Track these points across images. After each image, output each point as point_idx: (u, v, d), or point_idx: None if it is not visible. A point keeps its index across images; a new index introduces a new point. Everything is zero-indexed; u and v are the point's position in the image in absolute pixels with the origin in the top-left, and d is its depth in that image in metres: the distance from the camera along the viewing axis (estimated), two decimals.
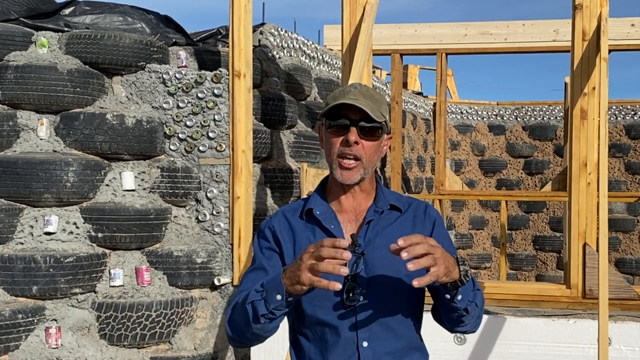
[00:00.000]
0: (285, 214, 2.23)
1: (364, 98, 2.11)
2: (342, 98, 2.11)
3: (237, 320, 2.08)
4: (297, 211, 2.22)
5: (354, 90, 2.13)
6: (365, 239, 2.13)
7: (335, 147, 2.12)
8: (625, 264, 13.17)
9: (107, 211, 5.29)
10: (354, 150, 2.10)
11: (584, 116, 4.92)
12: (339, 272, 1.83)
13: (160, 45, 5.77)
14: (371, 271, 2.10)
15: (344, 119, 2.11)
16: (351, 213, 2.19)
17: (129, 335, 5.21)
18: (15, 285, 5.09)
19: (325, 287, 1.85)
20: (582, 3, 4.96)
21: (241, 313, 2.04)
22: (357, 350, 2.08)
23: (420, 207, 2.25)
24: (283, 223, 2.20)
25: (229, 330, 2.14)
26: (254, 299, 1.97)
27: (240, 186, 5.50)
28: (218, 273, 5.60)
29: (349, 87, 2.16)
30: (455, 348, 4.71)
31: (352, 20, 5.36)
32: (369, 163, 2.14)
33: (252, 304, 1.98)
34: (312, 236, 2.15)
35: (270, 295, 1.94)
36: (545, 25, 9.36)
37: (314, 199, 2.22)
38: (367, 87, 2.18)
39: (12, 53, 5.37)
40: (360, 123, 2.10)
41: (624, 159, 13.64)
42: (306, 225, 2.18)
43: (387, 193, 2.26)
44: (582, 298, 4.90)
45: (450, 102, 13.99)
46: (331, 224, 2.15)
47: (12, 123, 5.29)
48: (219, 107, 5.64)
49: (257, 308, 1.96)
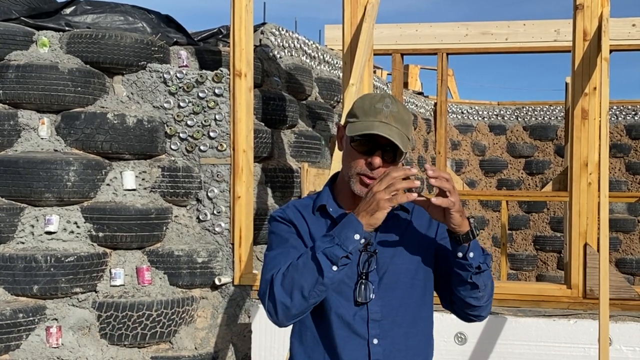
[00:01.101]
0: (297, 207, 2.23)
1: (394, 122, 2.07)
2: (373, 117, 2.06)
3: (291, 287, 2.00)
4: (308, 206, 2.22)
5: (385, 110, 2.07)
6: (376, 238, 2.15)
7: (357, 164, 2.11)
8: (625, 264, 13.17)
9: (108, 211, 5.29)
10: (376, 174, 2.09)
11: (584, 116, 4.92)
12: (414, 185, 1.94)
13: (161, 44, 5.77)
14: (382, 270, 2.12)
15: (372, 141, 2.08)
16: None
17: (129, 335, 5.21)
18: (16, 285, 5.09)
19: (405, 200, 1.96)
20: (583, 3, 4.96)
21: (300, 274, 1.98)
22: (368, 346, 2.09)
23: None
24: (297, 214, 2.20)
25: (273, 306, 2.03)
26: (325, 247, 1.96)
27: (241, 186, 5.50)
28: (219, 273, 5.60)
29: (380, 105, 2.09)
30: (456, 348, 4.71)
31: (353, 20, 5.36)
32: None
33: (324, 253, 1.96)
34: (325, 232, 2.14)
35: (347, 238, 1.96)
36: (546, 25, 9.36)
37: (325, 196, 2.22)
38: (398, 106, 2.11)
39: (13, 52, 5.37)
40: (386, 148, 2.08)
41: (625, 159, 13.64)
42: (319, 220, 2.19)
43: None
44: (582, 298, 4.90)
45: (451, 102, 13.98)
46: None
47: (13, 122, 5.30)
48: (220, 107, 5.64)
49: (332, 254, 1.95)
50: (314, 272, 1.97)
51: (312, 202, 2.24)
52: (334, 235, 1.98)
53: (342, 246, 1.96)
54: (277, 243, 2.18)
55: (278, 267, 2.06)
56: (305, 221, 2.19)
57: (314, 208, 2.21)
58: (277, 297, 2.01)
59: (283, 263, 2.06)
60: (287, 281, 2.01)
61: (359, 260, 2.10)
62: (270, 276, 2.06)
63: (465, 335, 4.71)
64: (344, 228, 1.98)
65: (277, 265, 2.08)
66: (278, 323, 2.07)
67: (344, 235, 1.96)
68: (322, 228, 2.17)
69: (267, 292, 2.05)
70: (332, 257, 1.96)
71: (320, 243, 1.99)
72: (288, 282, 2.00)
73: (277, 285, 2.02)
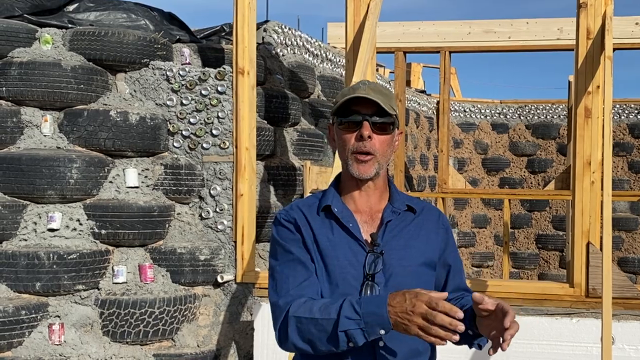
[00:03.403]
0: (301, 208, 2.21)
1: (374, 93, 2.10)
2: (352, 94, 2.11)
3: (306, 338, 2.02)
4: (312, 207, 2.20)
5: (363, 87, 2.13)
6: (383, 239, 2.13)
7: (349, 143, 2.12)
8: (628, 262, 13.16)
9: (110, 208, 5.29)
10: (367, 146, 2.10)
11: (587, 115, 4.91)
12: (452, 339, 1.85)
13: (164, 42, 5.77)
14: (389, 271, 2.11)
15: (356, 114, 2.11)
16: (366, 213, 2.18)
17: (132, 332, 5.22)
18: (19, 282, 5.10)
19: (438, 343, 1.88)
20: (586, 1, 4.95)
21: (317, 332, 1.99)
22: (374, 349, 2.08)
23: (433, 212, 2.27)
24: (301, 216, 2.18)
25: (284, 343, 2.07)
26: (349, 328, 1.93)
27: (243, 183, 5.50)
28: (221, 270, 5.60)
29: (357, 84, 2.16)
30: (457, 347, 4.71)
31: (356, 18, 5.36)
32: (382, 158, 2.14)
33: (346, 334, 1.94)
34: (330, 233, 2.14)
35: (372, 328, 1.92)
36: (550, 24, 9.35)
37: (329, 195, 2.20)
38: (375, 83, 2.18)
39: (16, 49, 5.37)
40: (373, 117, 2.10)
41: (628, 158, 13.63)
42: (324, 221, 2.16)
43: (400, 193, 2.27)
44: (585, 297, 4.90)
45: (453, 100, 13.97)
46: (349, 223, 2.15)
47: (16, 119, 5.30)
48: (223, 105, 5.64)
49: (354, 336, 1.93)
50: (330, 340, 1.97)
51: (317, 201, 2.21)
52: (361, 317, 1.93)
53: (364, 333, 1.93)
54: (282, 254, 2.16)
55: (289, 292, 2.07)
56: (309, 224, 2.16)
57: (319, 208, 2.18)
58: (291, 339, 2.04)
59: (292, 285, 2.07)
60: (304, 330, 2.01)
61: (365, 261, 2.08)
62: (284, 307, 2.06)
63: None
64: (372, 316, 1.92)
65: (286, 284, 2.09)
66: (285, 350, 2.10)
67: (370, 326, 1.92)
68: (327, 229, 2.15)
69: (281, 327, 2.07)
70: (352, 339, 1.94)
71: (345, 320, 1.94)
72: (304, 332, 2.01)
73: (292, 329, 2.03)
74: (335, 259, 2.11)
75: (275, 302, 2.10)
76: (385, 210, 2.18)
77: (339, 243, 2.12)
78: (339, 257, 2.11)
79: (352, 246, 2.12)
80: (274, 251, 2.19)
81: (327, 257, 2.11)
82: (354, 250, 2.12)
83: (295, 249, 2.13)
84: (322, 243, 2.12)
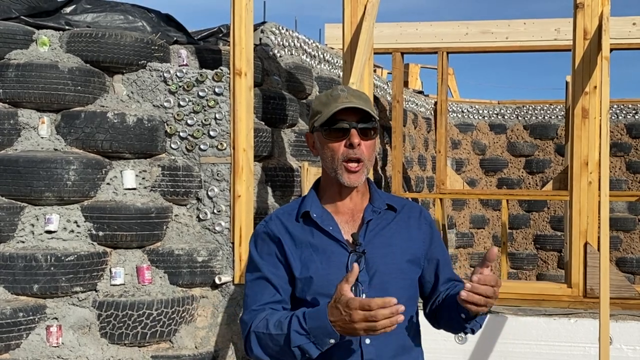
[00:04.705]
0: (280, 217, 2.23)
1: (355, 99, 2.12)
2: (335, 102, 2.11)
3: (267, 352, 2.10)
4: (291, 214, 2.22)
5: (343, 94, 2.13)
6: (365, 239, 2.15)
7: (338, 152, 2.13)
8: (626, 263, 13.17)
9: (108, 210, 5.29)
10: (357, 153, 2.11)
11: (585, 115, 4.92)
12: (397, 322, 1.89)
13: (161, 43, 5.77)
14: (372, 269, 2.12)
15: (342, 122, 2.11)
16: (347, 214, 2.20)
17: (129, 334, 5.21)
18: (16, 284, 5.09)
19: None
20: (583, 2, 4.95)
21: (274, 347, 2.05)
22: (360, 347, 2.09)
23: (414, 209, 2.29)
24: (280, 227, 2.20)
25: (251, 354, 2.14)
26: (301, 344, 1.98)
27: (241, 185, 5.50)
28: (219, 272, 5.60)
29: (336, 92, 2.15)
30: (457, 347, 4.71)
31: (353, 19, 5.36)
32: (369, 163, 2.16)
33: (299, 348, 1.99)
34: (311, 237, 2.16)
35: (322, 340, 1.97)
36: (547, 24, 9.36)
37: (309, 201, 2.22)
38: (353, 89, 2.19)
39: (13, 51, 5.37)
40: (359, 124, 2.11)
41: (625, 158, 13.64)
42: (303, 227, 2.18)
43: (381, 193, 2.28)
44: (583, 297, 4.90)
45: (451, 101, 13.98)
46: (329, 226, 2.16)
47: (13, 121, 5.29)
48: (220, 106, 5.64)
49: (308, 350, 1.99)
50: (287, 353, 2.02)
51: (296, 209, 2.23)
52: (310, 332, 1.97)
53: (317, 346, 1.98)
54: (254, 270, 2.21)
55: (252, 308, 2.14)
56: (289, 233, 2.18)
57: (298, 215, 2.20)
58: (255, 352, 2.12)
59: (257, 301, 2.14)
60: (263, 344, 2.09)
61: (348, 260, 2.11)
62: (248, 322, 2.14)
63: (465, 334, 4.71)
64: (319, 329, 1.97)
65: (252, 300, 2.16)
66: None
67: (320, 338, 1.97)
68: (307, 234, 2.17)
69: (245, 341, 2.16)
70: (306, 352, 2.00)
71: (295, 335, 1.99)
72: (264, 346, 2.09)
73: (254, 343, 2.11)
74: (318, 262, 2.13)
75: (241, 317, 2.20)
76: (366, 210, 2.20)
77: (321, 247, 2.14)
78: (321, 260, 2.13)
79: (333, 248, 2.14)
80: (248, 265, 2.24)
81: (310, 261, 2.13)
82: (335, 252, 2.14)
83: (264, 265, 2.17)
84: (304, 248, 2.14)
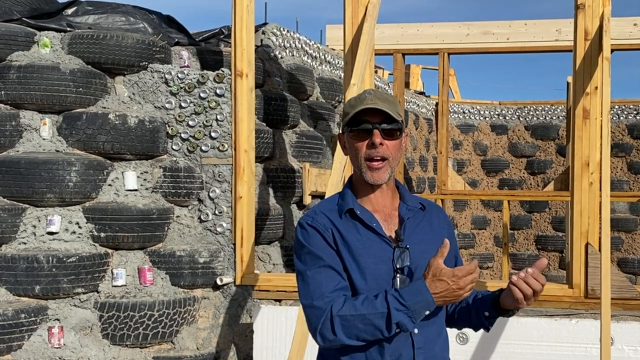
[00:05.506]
0: (325, 212, 2.34)
1: (380, 102, 2.26)
2: (361, 105, 2.26)
3: (353, 334, 2.18)
4: (333, 211, 2.34)
5: (369, 96, 2.28)
6: (405, 235, 2.30)
7: (361, 151, 2.28)
8: (627, 263, 13.16)
9: (109, 211, 5.30)
10: (380, 152, 2.26)
11: (586, 116, 4.91)
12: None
13: (162, 45, 5.78)
14: (414, 264, 2.27)
15: (366, 123, 2.26)
16: (382, 212, 2.34)
17: (131, 335, 5.22)
18: (18, 285, 5.10)
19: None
20: (584, 3, 4.95)
21: (365, 326, 2.17)
22: (411, 336, 2.25)
23: (436, 208, 2.49)
24: (327, 222, 2.31)
25: (332, 341, 2.20)
26: (400, 319, 2.13)
27: (242, 186, 5.50)
28: (220, 273, 5.60)
29: (364, 94, 2.30)
30: (458, 347, 4.71)
31: (354, 20, 5.36)
32: (394, 161, 2.30)
33: (397, 324, 2.14)
34: (358, 234, 2.28)
35: (420, 313, 2.15)
36: (548, 25, 9.37)
37: (348, 199, 2.34)
38: (381, 91, 2.33)
39: (14, 53, 5.38)
40: (382, 125, 2.25)
41: (627, 159, 13.63)
42: (347, 223, 2.30)
43: (410, 193, 2.46)
44: (584, 298, 4.90)
45: (452, 102, 13.98)
46: (372, 222, 2.30)
47: (14, 123, 5.30)
48: (222, 107, 5.65)
49: (405, 324, 2.14)
50: (380, 330, 2.15)
51: (336, 205, 2.35)
52: (409, 307, 2.13)
53: (413, 319, 2.15)
54: (312, 259, 2.28)
55: (325, 295, 2.21)
56: (336, 228, 2.30)
57: (341, 212, 2.32)
58: (339, 336, 2.18)
59: (328, 288, 2.22)
60: (350, 326, 2.17)
61: (393, 255, 2.26)
62: (325, 307, 2.21)
63: (466, 335, 4.72)
64: (420, 303, 2.14)
65: (320, 288, 2.23)
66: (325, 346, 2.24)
67: (418, 312, 2.14)
68: (353, 230, 2.29)
69: (322, 327, 2.20)
70: (403, 327, 2.15)
71: (395, 312, 2.13)
72: (351, 328, 2.17)
73: (337, 327, 2.18)
74: (367, 257, 2.26)
75: (311, 304, 2.24)
76: (401, 209, 2.36)
77: (367, 242, 2.28)
78: (369, 254, 2.27)
79: (379, 243, 2.28)
80: (302, 256, 2.30)
81: (359, 255, 2.26)
82: (381, 247, 2.28)
83: (325, 255, 2.27)
84: (352, 243, 2.27)
